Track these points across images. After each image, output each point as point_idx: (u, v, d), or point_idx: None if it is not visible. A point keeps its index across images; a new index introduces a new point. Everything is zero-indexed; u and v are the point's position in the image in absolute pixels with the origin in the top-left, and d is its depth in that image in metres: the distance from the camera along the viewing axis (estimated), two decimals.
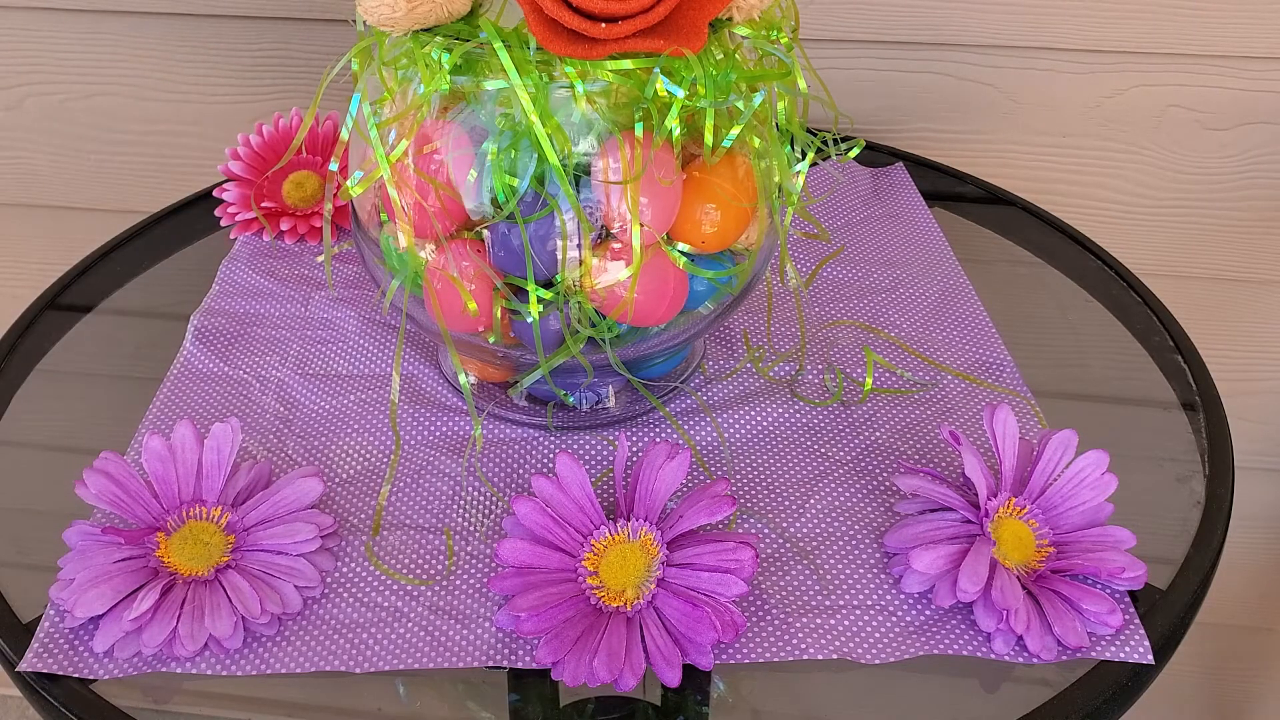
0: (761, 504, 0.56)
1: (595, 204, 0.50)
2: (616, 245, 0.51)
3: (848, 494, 0.57)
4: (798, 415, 0.62)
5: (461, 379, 0.55)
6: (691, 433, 0.61)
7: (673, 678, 0.46)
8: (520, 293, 0.52)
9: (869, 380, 0.63)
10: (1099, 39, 0.86)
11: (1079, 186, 0.93)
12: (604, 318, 0.53)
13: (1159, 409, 0.64)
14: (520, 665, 0.49)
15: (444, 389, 0.64)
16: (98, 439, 0.62)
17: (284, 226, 0.75)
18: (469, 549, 0.54)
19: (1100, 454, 0.53)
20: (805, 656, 0.49)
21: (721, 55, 0.49)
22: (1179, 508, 0.57)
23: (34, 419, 0.64)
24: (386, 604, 0.51)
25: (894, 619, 0.50)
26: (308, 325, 0.69)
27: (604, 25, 0.45)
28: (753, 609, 0.51)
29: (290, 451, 0.60)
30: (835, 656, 0.49)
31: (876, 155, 0.86)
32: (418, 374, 0.65)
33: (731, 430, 0.61)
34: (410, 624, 0.51)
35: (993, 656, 0.49)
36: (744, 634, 0.50)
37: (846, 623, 0.50)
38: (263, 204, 0.76)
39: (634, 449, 0.59)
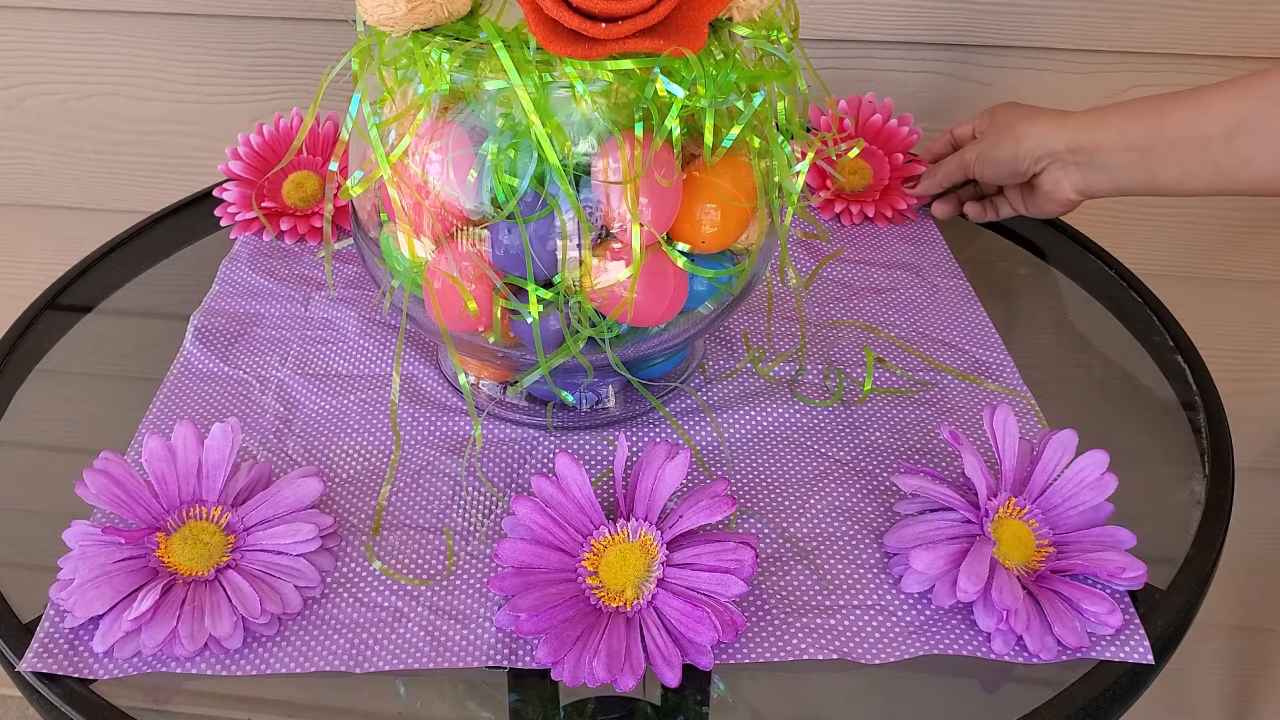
0: (761, 504, 0.56)
1: (595, 204, 0.50)
2: (616, 245, 0.51)
3: (848, 494, 0.57)
4: (798, 415, 0.62)
5: (461, 379, 0.55)
6: (691, 433, 0.61)
7: (672, 678, 0.46)
8: (520, 293, 0.52)
9: (869, 380, 0.63)
10: (1099, 39, 0.86)
11: None
12: (604, 318, 0.53)
13: (1159, 409, 0.64)
14: (520, 665, 0.49)
15: (444, 389, 0.64)
16: (98, 439, 0.62)
17: (284, 226, 0.75)
18: (469, 549, 0.54)
19: (1100, 454, 0.52)
20: (805, 656, 0.49)
21: (721, 55, 0.49)
22: (1179, 508, 0.57)
23: (34, 419, 0.64)
24: (386, 604, 0.51)
25: (894, 619, 0.50)
26: (308, 325, 0.69)
27: (604, 25, 0.45)
28: (753, 609, 0.51)
29: (290, 451, 0.60)
30: (835, 656, 0.49)
31: None
32: (418, 374, 0.65)
33: (731, 430, 0.61)
34: (410, 624, 0.51)
35: (993, 656, 0.49)
36: (744, 634, 0.50)
37: (846, 623, 0.50)
38: (263, 204, 0.76)
39: (634, 449, 0.59)
